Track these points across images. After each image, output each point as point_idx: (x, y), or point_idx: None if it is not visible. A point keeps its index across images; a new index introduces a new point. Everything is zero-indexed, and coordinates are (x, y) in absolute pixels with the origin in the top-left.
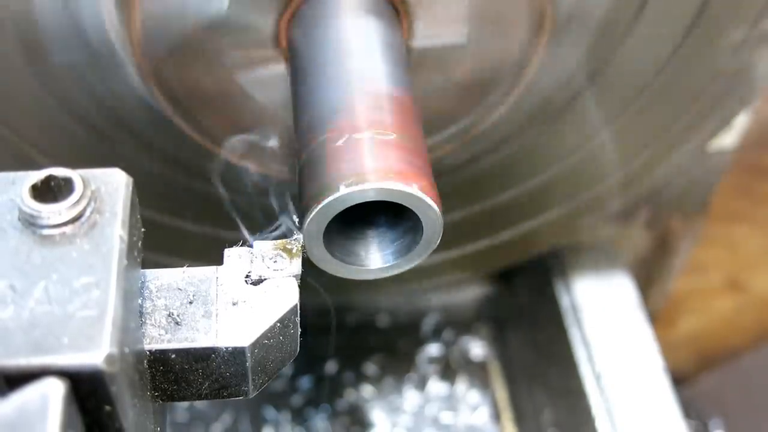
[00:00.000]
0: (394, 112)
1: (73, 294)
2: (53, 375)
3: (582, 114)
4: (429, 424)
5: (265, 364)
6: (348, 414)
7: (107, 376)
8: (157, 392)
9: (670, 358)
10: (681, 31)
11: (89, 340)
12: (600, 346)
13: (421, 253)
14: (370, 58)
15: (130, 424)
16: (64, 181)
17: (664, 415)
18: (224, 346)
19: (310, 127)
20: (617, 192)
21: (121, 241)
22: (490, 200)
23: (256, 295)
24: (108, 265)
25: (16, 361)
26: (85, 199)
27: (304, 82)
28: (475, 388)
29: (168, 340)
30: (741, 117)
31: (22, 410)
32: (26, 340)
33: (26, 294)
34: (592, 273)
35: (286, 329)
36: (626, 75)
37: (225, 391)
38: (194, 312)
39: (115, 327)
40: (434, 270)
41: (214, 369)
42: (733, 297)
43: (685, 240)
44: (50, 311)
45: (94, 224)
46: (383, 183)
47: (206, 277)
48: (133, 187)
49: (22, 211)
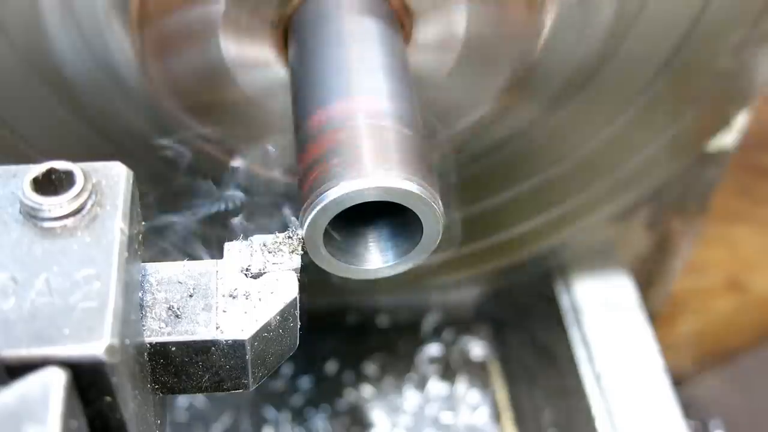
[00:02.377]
0: (394, 111)
1: (74, 286)
2: (54, 365)
3: (582, 114)
4: (429, 424)
5: (264, 358)
6: (348, 414)
7: (108, 367)
8: (157, 385)
9: (670, 358)
10: (681, 31)
11: (90, 331)
12: (600, 346)
13: (422, 253)
14: (369, 57)
15: (131, 416)
16: (65, 174)
17: (664, 415)
18: (224, 339)
19: (309, 127)
20: (617, 192)
21: (121, 234)
22: (490, 200)
23: (256, 289)
24: (109, 257)
25: (17, 352)
26: (86, 192)
27: (304, 81)
28: (475, 388)
29: (168, 333)
30: (741, 117)
31: (24, 399)
32: (27, 331)
33: (27, 286)
34: (592, 273)
35: (286, 322)
36: (626, 75)
37: (225, 384)
38: (194, 305)
39: (116, 318)
40: (434, 270)
41: (214, 362)
42: (733, 297)
43: (685, 240)
44: (51, 303)
45: (94, 217)
46: (383, 183)
47: (206, 270)
48: (133, 180)
49: (23, 203)
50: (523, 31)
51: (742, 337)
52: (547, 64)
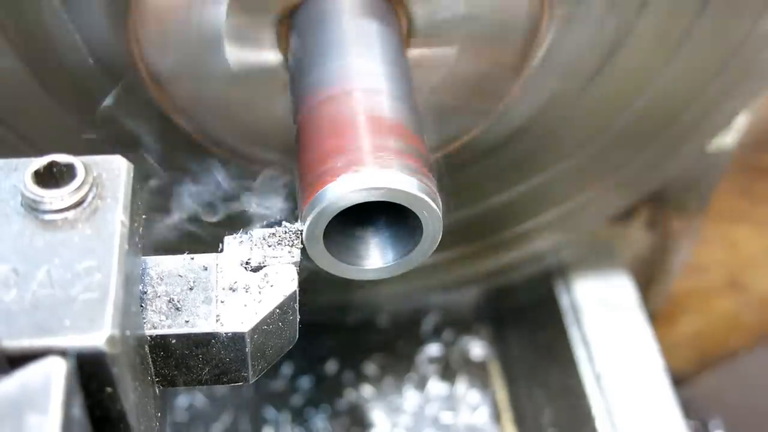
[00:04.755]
0: (393, 111)
1: (75, 277)
2: (56, 355)
3: (582, 114)
4: (429, 424)
5: (264, 350)
6: (348, 414)
7: (108, 357)
8: (158, 377)
9: (670, 358)
10: (681, 32)
11: (91, 322)
12: (600, 346)
13: (422, 253)
14: (369, 56)
15: (131, 407)
16: (66, 167)
17: (664, 415)
18: (224, 332)
19: (309, 126)
20: (617, 192)
21: (122, 226)
22: (490, 200)
23: (256, 282)
24: (109, 249)
25: (18, 342)
26: (87, 185)
27: (304, 81)
28: (475, 388)
29: (169, 325)
30: (741, 117)
31: (25, 387)
32: (29, 322)
33: (29, 277)
34: (592, 273)
35: (285, 315)
36: (626, 75)
37: (225, 376)
38: (194, 298)
39: (117, 310)
40: (434, 270)
41: (215, 354)
42: (733, 297)
43: (685, 240)
44: (52, 294)
45: (95, 209)
46: (383, 183)
47: (206, 263)
48: (134, 173)
49: (24, 196)
50: (524, 17)
51: (742, 337)
52: (549, 54)
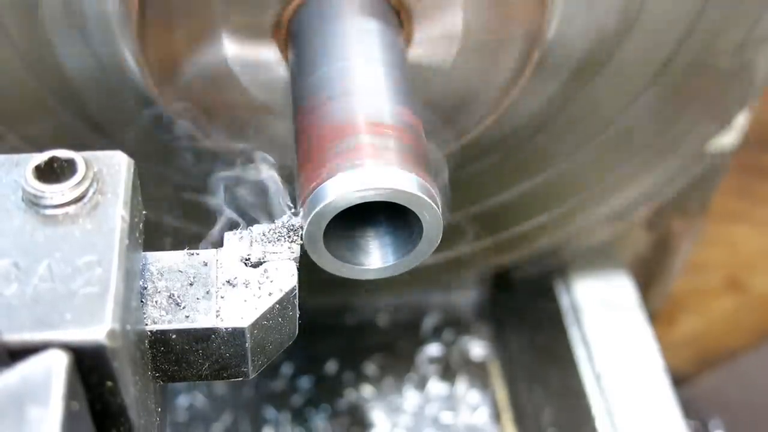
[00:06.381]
0: (393, 111)
1: (76, 272)
2: (56, 348)
3: (582, 114)
4: (429, 424)
5: (264, 346)
6: (348, 414)
7: (109, 351)
8: (158, 373)
9: (670, 358)
10: (680, 32)
11: (92, 316)
12: (600, 346)
13: (422, 253)
14: (369, 56)
15: (132, 401)
16: (67, 162)
17: (664, 415)
18: (224, 327)
19: (310, 126)
20: (617, 192)
21: (122, 221)
22: (489, 200)
23: (256, 278)
24: (110, 244)
25: (19, 336)
26: (88, 180)
27: (305, 81)
28: (475, 388)
29: (169, 320)
30: (741, 117)
31: (26, 380)
32: (30, 316)
33: (30, 272)
34: (592, 273)
35: (285, 311)
36: (626, 75)
37: (225, 372)
38: (194, 293)
39: (117, 304)
40: (434, 270)
41: (214, 350)
42: (733, 297)
43: (685, 240)
44: (53, 288)
45: (96, 204)
46: (383, 183)
47: (206, 259)
48: (134, 169)
49: (25, 191)
50: (526, 16)
51: (742, 337)
52: (554, 50)
